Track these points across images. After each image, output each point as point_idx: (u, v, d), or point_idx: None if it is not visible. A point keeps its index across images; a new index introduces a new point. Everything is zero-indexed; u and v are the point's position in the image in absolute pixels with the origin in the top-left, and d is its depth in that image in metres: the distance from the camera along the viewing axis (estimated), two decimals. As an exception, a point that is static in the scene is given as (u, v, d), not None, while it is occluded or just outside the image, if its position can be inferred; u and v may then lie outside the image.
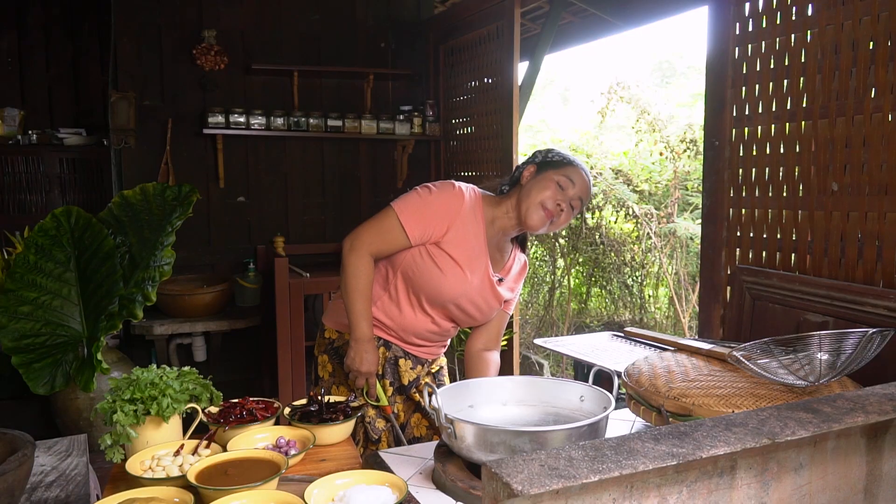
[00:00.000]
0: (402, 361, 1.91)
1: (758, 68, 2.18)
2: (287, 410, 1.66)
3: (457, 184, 1.80)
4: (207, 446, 1.45)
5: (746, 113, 2.23)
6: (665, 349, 2.00)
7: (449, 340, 2.02)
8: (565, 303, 5.80)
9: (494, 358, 2.00)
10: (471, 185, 1.85)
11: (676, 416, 1.47)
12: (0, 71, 4.83)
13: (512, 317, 2.65)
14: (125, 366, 3.28)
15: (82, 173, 5.01)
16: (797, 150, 2.07)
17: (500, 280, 1.87)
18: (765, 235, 2.18)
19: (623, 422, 1.74)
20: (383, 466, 1.46)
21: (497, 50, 3.56)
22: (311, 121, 4.10)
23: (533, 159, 1.85)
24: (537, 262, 6.11)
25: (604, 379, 1.58)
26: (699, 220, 3.06)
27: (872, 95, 1.84)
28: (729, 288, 2.31)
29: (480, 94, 3.81)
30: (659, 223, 5.07)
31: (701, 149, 4.31)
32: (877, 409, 0.92)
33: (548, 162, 1.80)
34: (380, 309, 1.86)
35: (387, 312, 1.86)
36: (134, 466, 1.35)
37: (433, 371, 2.03)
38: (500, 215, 1.81)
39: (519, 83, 3.49)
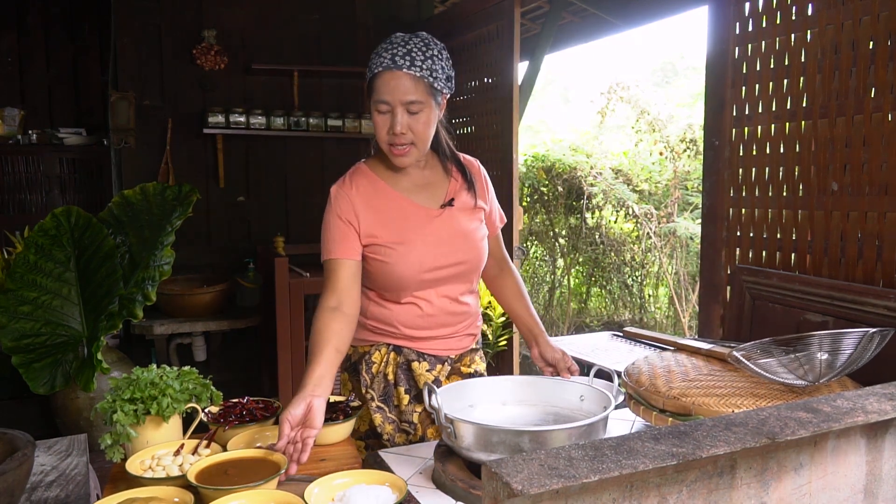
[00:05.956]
0: (415, 365, 1.74)
1: (758, 68, 2.18)
2: (287, 410, 1.65)
3: (334, 186, 1.70)
4: (207, 446, 1.45)
5: (746, 113, 2.23)
6: (665, 349, 2.00)
7: (474, 328, 1.83)
8: (565, 303, 5.80)
9: (511, 272, 1.92)
10: (355, 166, 1.74)
11: (676, 416, 1.47)
12: (0, 71, 4.83)
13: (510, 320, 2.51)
14: (125, 366, 3.28)
15: (82, 173, 5.01)
16: (797, 149, 2.07)
17: (450, 203, 1.71)
18: (765, 235, 2.18)
19: (623, 422, 1.74)
20: (383, 466, 1.46)
21: (497, 50, 3.55)
22: (311, 121, 4.10)
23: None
24: (537, 262, 6.11)
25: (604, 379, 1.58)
26: (699, 220, 3.06)
27: (872, 95, 1.84)
28: (729, 288, 2.30)
29: (480, 94, 3.81)
30: (659, 223, 5.07)
31: (701, 149, 4.31)
32: (877, 409, 0.92)
33: (369, 87, 1.59)
34: (371, 317, 1.75)
35: (377, 317, 1.74)
36: (134, 466, 1.35)
37: (467, 374, 1.83)
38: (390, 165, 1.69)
39: (519, 83, 3.49)
